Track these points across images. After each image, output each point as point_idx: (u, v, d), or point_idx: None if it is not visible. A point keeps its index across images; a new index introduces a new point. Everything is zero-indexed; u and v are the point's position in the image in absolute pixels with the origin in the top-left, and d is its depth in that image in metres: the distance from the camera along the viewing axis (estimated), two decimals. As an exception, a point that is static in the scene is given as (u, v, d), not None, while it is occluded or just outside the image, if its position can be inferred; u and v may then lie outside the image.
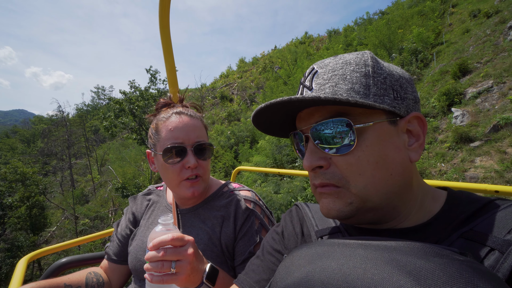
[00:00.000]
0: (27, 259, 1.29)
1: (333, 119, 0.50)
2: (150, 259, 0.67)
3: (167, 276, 0.67)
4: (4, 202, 18.29)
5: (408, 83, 0.55)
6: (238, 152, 22.78)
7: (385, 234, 0.55)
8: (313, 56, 33.44)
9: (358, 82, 0.50)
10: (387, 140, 0.50)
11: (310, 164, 0.53)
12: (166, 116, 0.99)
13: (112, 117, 20.99)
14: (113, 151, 45.11)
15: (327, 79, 0.52)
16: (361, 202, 0.50)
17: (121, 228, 1.15)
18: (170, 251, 0.67)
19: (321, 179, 0.53)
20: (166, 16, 1.41)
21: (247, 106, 35.87)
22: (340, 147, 0.50)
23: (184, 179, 0.96)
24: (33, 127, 75.76)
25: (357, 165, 0.49)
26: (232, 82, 47.55)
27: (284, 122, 0.62)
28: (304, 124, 0.56)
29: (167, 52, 1.49)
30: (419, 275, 0.33)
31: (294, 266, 0.45)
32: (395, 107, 0.51)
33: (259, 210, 1.04)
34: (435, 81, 13.47)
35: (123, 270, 1.14)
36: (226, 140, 25.80)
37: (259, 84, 40.71)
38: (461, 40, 15.70)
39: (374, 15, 36.71)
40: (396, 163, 0.50)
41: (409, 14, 24.25)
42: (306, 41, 49.55)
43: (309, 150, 0.54)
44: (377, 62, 0.53)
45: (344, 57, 0.54)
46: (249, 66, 54.03)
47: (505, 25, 13.06)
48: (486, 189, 0.98)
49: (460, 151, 8.54)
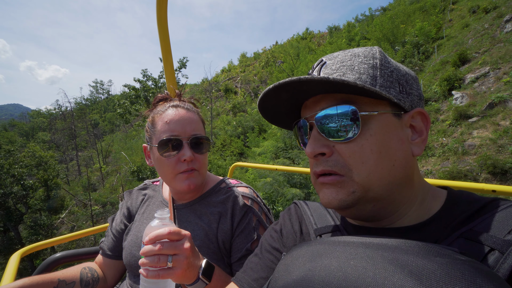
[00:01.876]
0: (19, 254, 1.24)
1: (339, 106, 0.50)
2: (146, 253, 0.65)
3: (163, 270, 0.66)
4: (26, 184, 19.18)
5: (414, 80, 0.56)
6: (246, 140, 23.80)
7: (385, 233, 0.54)
8: (315, 51, 34.27)
9: (365, 73, 0.51)
10: (391, 132, 0.50)
11: (313, 150, 0.52)
12: (163, 109, 0.99)
13: (127, 104, 21.99)
14: (117, 143, 46.02)
15: (335, 69, 0.53)
16: (363, 191, 0.50)
17: (116, 223, 1.13)
18: (166, 245, 0.66)
19: (323, 166, 0.52)
20: (164, 12, 1.39)
21: (251, 98, 36.84)
22: (344, 134, 0.50)
23: (179, 172, 0.94)
24: (32, 120, 75.89)
25: (360, 153, 0.49)
26: (235, 76, 48.41)
27: (290, 112, 0.62)
28: (309, 112, 0.56)
29: (165, 50, 1.48)
30: (421, 275, 0.33)
31: (294, 264, 0.45)
32: (400, 100, 0.51)
33: (257, 207, 1.03)
34: (436, 70, 14.59)
35: (118, 265, 1.13)
36: (233, 129, 26.88)
37: (262, 78, 41.68)
38: (460, 34, 16.81)
39: (376, 11, 37.73)
40: (399, 154, 0.51)
41: (411, 10, 25.36)
42: (307, 37, 50.44)
43: (313, 137, 0.54)
44: (385, 57, 0.55)
45: (353, 50, 0.55)
46: (251, 60, 54.86)
47: (502, 19, 14.17)
48: (483, 189, 0.97)
49: (459, 127, 9.66)
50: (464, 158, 8.39)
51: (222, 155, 23.00)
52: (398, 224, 0.54)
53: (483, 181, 7.48)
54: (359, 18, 39.79)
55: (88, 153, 50.47)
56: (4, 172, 18.04)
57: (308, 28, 54.21)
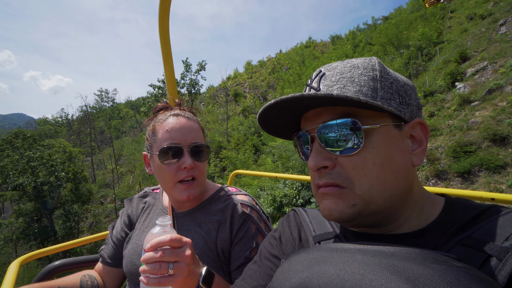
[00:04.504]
0: (19, 261, 1.23)
1: (341, 119, 0.50)
2: (147, 260, 0.65)
3: (164, 278, 0.65)
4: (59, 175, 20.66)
5: (412, 90, 0.56)
6: (260, 138, 25.33)
7: (383, 239, 0.54)
8: (319, 58, 35.94)
9: (366, 85, 0.51)
10: (393, 143, 0.51)
11: (315, 164, 0.52)
12: (164, 118, 1.00)
13: (151, 102, 23.77)
14: (127, 146, 47.84)
15: (335, 81, 0.53)
16: (364, 204, 0.50)
17: (116, 230, 1.13)
18: (168, 252, 0.66)
19: (325, 179, 0.52)
20: (166, 23, 1.41)
21: (261, 102, 38.60)
22: (346, 147, 0.50)
23: (179, 180, 0.95)
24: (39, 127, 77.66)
25: (362, 166, 0.49)
26: (242, 82, 50.40)
27: (289, 124, 0.62)
28: (311, 125, 0.55)
29: (167, 62, 1.50)
30: (417, 281, 0.33)
31: (291, 271, 0.45)
32: (400, 111, 0.51)
33: (256, 214, 1.03)
34: (439, 69, 16.27)
35: (117, 273, 1.12)
36: (247, 129, 28.50)
37: (270, 83, 43.61)
38: (460, 37, 18.56)
39: (378, 20, 39.89)
40: (401, 166, 0.51)
41: (412, 18, 27.41)
42: (310, 45, 52.59)
43: (315, 150, 0.53)
44: (384, 68, 0.54)
45: (351, 61, 0.55)
46: (257, 68, 56.98)
47: (497, 23, 15.97)
48: (482, 197, 0.97)
49: (463, 111, 11.21)
50: (469, 133, 9.91)
51: (238, 151, 24.49)
52: (398, 231, 0.54)
53: (485, 148, 8.98)
54: (360, 28, 41.85)
55: (99, 157, 52.06)
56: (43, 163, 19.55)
57: (311, 37, 56.41)
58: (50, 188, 19.87)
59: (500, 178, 7.96)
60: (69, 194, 21.87)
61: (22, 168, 18.45)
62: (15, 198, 20.33)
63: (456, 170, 8.89)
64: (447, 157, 9.61)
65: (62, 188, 21.17)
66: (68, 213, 20.49)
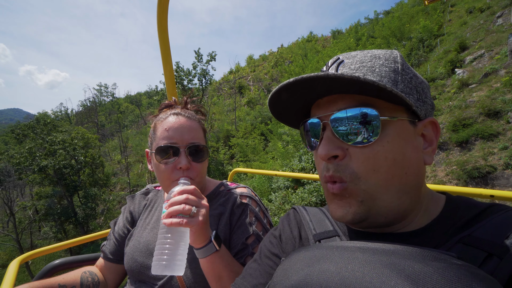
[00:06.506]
0: (19, 260, 1.22)
1: (360, 108, 0.48)
2: (174, 202, 0.72)
3: (187, 219, 0.72)
4: (78, 159, 21.76)
5: (428, 89, 0.55)
6: (267, 126, 26.47)
7: (385, 238, 0.54)
8: (322, 52, 36.75)
9: (386, 76, 0.50)
10: (407, 139, 0.50)
11: (327, 152, 0.51)
12: (164, 116, 1.00)
13: (165, 91, 24.74)
14: (132, 138, 49.10)
15: (354, 69, 0.51)
16: (370, 200, 0.49)
17: (119, 227, 1.14)
18: (191, 197, 0.75)
19: (332, 171, 0.51)
20: (165, 19, 1.39)
21: (265, 94, 39.60)
22: (360, 137, 0.49)
23: (174, 181, 0.94)
24: (39, 122, 77.91)
25: (373, 160, 0.48)
26: (245, 75, 51.29)
27: (296, 111, 0.61)
28: (324, 111, 0.53)
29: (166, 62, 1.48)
30: (417, 279, 0.33)
31: (292, 269, 0.45)
32: (417, 107, 0.51)
33: (254, 204, 1.05)
34: (439, 59, 17.44)
35: (119, 269, 1.13)
36: (254, 118, 29.63)
37: (273, 76, 44.56)
38: (459, 30, 19.71)
39: (379, 14, 40.75)
40: (412, 162, 0.50)
41: (414, 12, 28.49)
42: (312, 39, 53.35)
43: (327, 138, 0.52)
44: (405, 62, 0.53)
45: (372, 52, 0.54)
46: (259, 61, 57.79)
47: (494, 16, 17.15)
48: (481, 194, 0.97)
49: (462, 93, 12.48)
50: (467, 110, 11.16)
51: (247, 138, 25.61)
52: (402, 230, 0.54)
53: (481, 122, 10.26)
54: (361, 22, 42.67)
55: (103, 149, 53.11)
56: (65, 147, 20.62)
57: (312, 32, 56.86)
58: (71, 171, 20.98)
59: (493, 144, 9.34)
60: (87, 178, 23.04)
61: (47, 151, 19.52)
62: (36, 181, 21.43)
63: (456, 140, 10.28)
64: (448, 131, 10.91)
65: (81, 172, 22.30)
66: (88, 195, 21.68)
